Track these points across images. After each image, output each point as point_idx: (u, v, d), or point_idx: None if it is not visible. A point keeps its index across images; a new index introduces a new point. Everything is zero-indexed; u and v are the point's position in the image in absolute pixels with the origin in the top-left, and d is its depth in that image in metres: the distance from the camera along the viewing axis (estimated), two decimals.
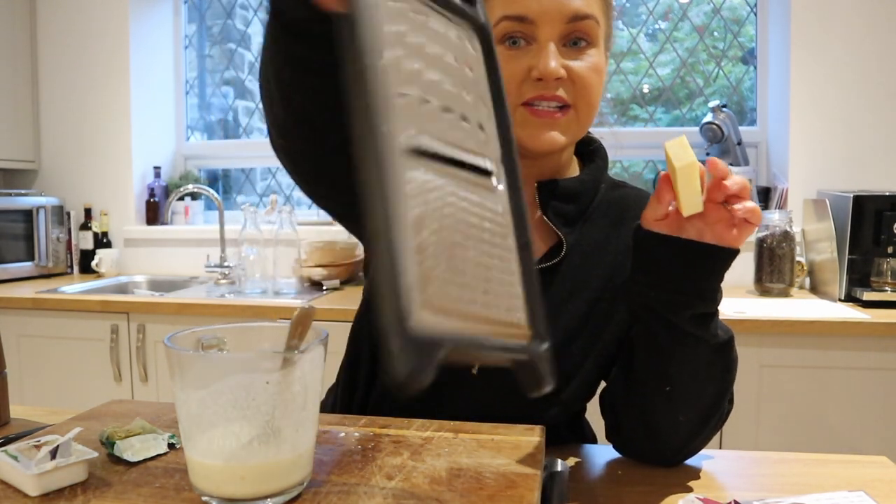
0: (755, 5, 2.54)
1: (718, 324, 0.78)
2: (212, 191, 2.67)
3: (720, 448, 1.81)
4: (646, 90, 2.68)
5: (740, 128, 2.44)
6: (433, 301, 0.39)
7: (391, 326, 0.36)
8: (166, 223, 2.78)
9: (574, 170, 0.94)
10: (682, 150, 0.71)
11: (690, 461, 0.84)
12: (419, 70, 0.45)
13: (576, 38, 0.81)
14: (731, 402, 0.84)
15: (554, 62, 0.79)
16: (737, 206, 0.70)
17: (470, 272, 0.44)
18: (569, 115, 0.82)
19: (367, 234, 0.38)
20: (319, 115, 0.67)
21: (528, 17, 0.79)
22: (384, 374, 0.64)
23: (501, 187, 0.52)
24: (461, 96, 0.49)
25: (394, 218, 0.37)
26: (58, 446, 0.66)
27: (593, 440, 1.03)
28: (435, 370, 0.37)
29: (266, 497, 0.62)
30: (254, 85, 3.04)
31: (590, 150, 0.95)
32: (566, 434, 0.96)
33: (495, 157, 0.52)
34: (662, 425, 0.79)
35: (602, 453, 0.87)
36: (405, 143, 0.41)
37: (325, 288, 2.35)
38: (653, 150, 2.65)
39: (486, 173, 0.50)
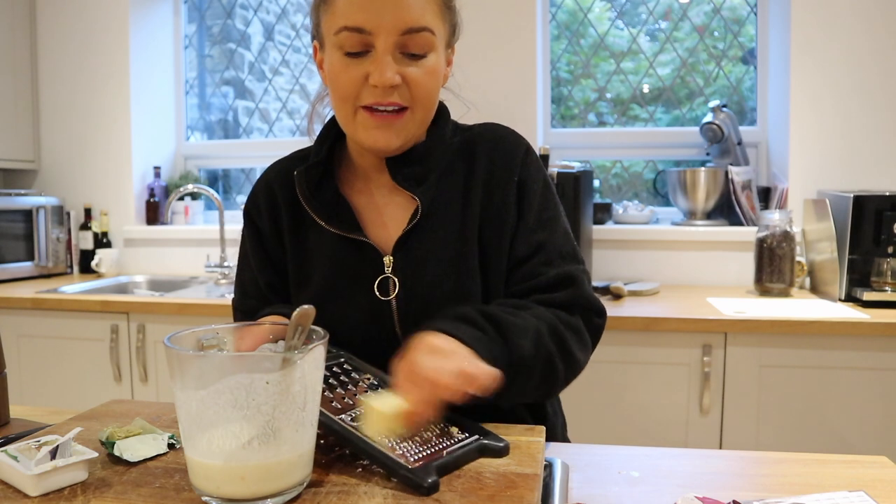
0: (755, 5, 2.54)
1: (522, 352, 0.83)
2: (212, 191, 2.67)
3: (720, 448, 1.81)
4: (646, 90, 2.67)
5: (740, 128, 2.44)
6: None
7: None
8: (166, 223, 2.77)
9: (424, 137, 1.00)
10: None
11: (691, 461, 0.85)
12: None
13: (412, 47, 0.87)
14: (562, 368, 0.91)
15: (389, 72, 0.85)
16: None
17: None
18: (406, 116, 0.90)
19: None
20: None
21: (366, 28, 0.85)
22: None
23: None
24: None
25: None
26: (58, 446, 0.66)
27: (560, 426, 1.07)
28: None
29: (266, 497, 0.62)
30: (254, 85, 3.04)
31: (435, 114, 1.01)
32: (524, 413, 0.99)
33: None
34: None
35: (601, 453, 0.87)
36: None
37: None
38: (653, 150, 2.65)
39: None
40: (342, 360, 0.84)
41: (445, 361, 0.72)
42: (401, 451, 0.68)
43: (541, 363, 0.85)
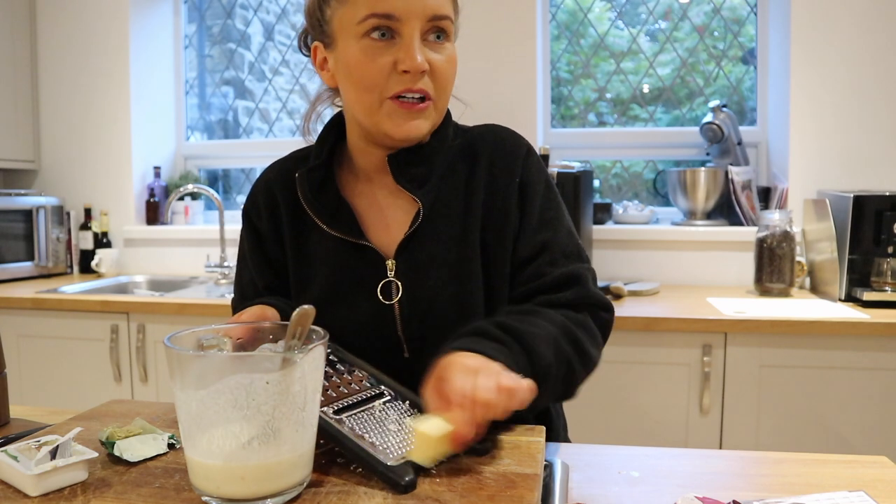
0: (755, 5, 2.54)
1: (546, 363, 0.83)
2: (212, 191, 2.67)
3: (720, 448, 1.81)
4: (646, 90, 2.67)
5: (740, 128, 2.44)
6: None
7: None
8: (166, 223, 2.77)
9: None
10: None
11: (691, 461, 0.85)
12: None
13: (437, 33, 0.89)
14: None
15: (419, 56, 0.86)
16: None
17: None
18: (429, 106, 0.91)
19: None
20: None
21: (395, 14, 0.86)
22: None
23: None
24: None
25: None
26: (58, 446, 0.66)
27: (562, 428, 1.07)
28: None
29: (266, 497, 0.62)
30: (254, 85, 3.04)
31: None
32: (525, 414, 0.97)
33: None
34: None
35: (601, 453, 0.87)
36: None
37: None
38: (653, 150, 2.65)
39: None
40: (328, 352, 0.84)
41: (483, 379, 0.70)
42: (382, 448, 0.68)
43: (562, 368, 0.85)
